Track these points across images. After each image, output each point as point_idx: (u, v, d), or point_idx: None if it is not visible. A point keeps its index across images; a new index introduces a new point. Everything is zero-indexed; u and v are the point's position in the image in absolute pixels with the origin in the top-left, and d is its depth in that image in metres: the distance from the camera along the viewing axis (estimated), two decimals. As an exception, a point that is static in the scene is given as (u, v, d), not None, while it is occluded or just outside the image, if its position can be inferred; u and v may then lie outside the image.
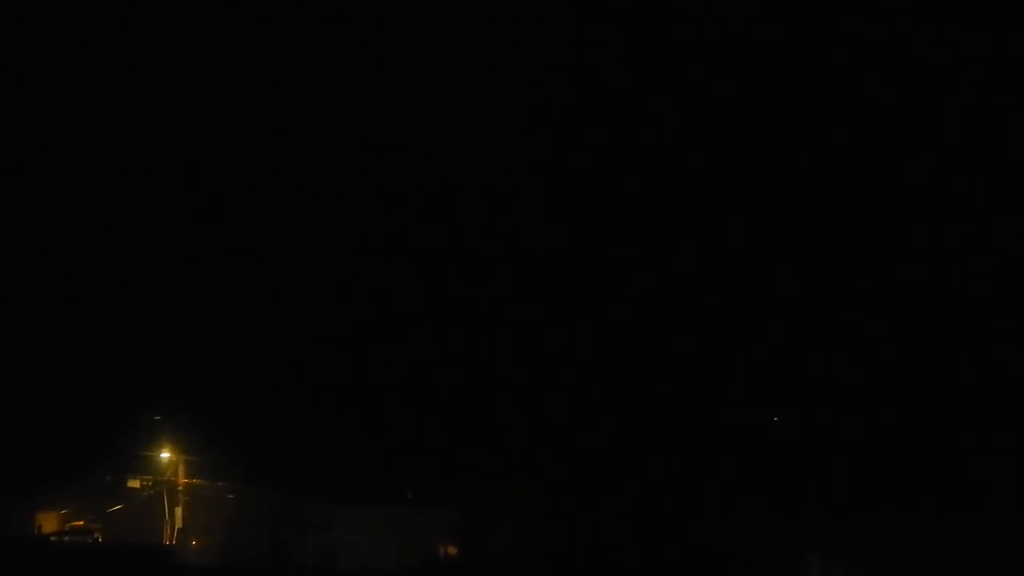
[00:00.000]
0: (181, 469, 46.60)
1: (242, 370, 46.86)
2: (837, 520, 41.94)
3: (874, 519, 41.52)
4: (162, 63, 47.41)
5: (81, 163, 47.86)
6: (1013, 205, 42.69)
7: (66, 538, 45.13)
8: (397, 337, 47.09)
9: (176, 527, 46.23)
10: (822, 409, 43.50)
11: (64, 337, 46.70)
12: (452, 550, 44.37)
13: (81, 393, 45.75)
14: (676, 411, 43.73)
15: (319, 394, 46.43)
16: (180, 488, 46.57)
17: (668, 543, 41.03)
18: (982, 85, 43.07)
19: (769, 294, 44.53)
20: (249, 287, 47.95)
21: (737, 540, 41.09)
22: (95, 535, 45.39)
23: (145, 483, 46.48)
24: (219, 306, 47.83)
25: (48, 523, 45.77)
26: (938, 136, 43.75)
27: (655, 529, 41.47)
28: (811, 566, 41.45)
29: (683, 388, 43.98)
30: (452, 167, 47.19)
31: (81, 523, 45.85)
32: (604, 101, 46.69)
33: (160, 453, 46.50)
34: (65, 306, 47.21)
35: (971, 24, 42.63)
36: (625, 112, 46.29)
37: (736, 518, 41.81)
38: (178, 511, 46.45)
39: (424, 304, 46.74)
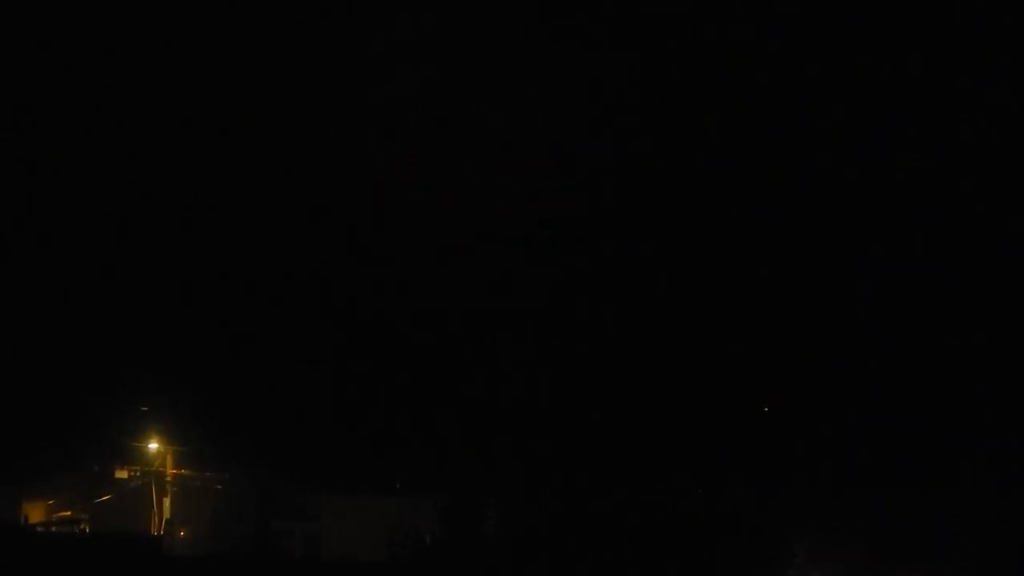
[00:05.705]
0: (169, 459, 46.52)
1: (230, 360, 46.84)
2: (824, 505, 41.98)
3: (861, 504, 41.58)
4: (162, 62, 47.80)
5: (74, 156, 48.13)
6: (1012, 205, 42.94)
7: (52, 528, 44.95)
8: (383, 326, 47.13)
9: (164, 517, 46.11)
10: (811, 393, 43.57)
11: (51, 328, 46.69)
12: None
13: (68, 383, 45.70)
14: (664, 394, 43.72)
15: (306, 383, 46.38)
16: (168, 478, 46.48)
17: (656, 526, 40.97)
18: (982, 85, 43.36)
19: (757, 279, 44.66)
20: (237, 279, 47.99)
21: (724, 522, 41.05)
22: (82, 525, 45.22)
23: (133, 473, 46.44)
24: (207, 297, 47.87)
25: (34, 513, 45.58)
26: (938, 136, 44.06)
27: (643, 513, 41.40)
28: (799, 551, 41.46)
29: (671, 371, 43.99)
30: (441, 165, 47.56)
31: (68, 513, 45.70)
32: (603, 101, 47.00)
33: (148, 443, 46.37)
34: (53, 297, 47.23)
35: (971, 24, 42.94)
36: (624, 112, 46.65)
37: (724, 501, 41.79)
38: (166, 501, 46.37)
39: (410, 293, 46.83)
